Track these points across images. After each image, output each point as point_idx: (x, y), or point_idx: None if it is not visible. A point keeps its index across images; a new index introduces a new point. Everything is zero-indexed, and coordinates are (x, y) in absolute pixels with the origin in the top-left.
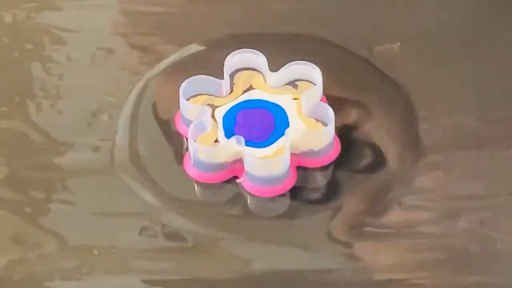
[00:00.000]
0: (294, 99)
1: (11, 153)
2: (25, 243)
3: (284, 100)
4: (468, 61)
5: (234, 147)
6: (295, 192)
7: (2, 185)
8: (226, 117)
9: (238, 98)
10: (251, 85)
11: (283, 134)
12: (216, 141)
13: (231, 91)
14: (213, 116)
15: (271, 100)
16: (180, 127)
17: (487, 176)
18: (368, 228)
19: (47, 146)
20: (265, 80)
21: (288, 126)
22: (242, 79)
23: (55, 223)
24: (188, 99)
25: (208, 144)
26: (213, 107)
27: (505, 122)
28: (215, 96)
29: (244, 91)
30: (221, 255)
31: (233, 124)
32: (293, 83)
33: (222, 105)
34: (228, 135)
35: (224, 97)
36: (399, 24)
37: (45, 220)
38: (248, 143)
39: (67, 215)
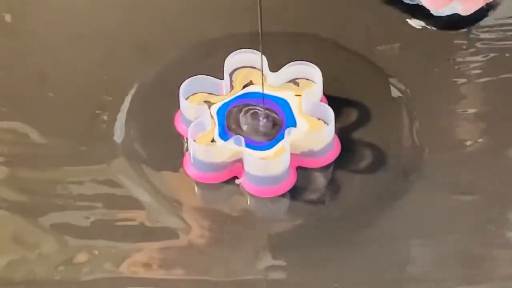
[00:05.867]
0: (296, 95)
1: (11, 153)
2: (25, 243)
3: (285, 96)
4: (468, 61)
5: (234, 147)
6: (295, 192)
7: (2, 185)
8: (222, 113)
9: (238, 93)
10: (250, 81)
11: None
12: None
13: (231, 90)
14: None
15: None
16: (180, 127)
17: (488, 176)
18: (368, 228)
19: (47, 146)
20: (265, 79)
21: (294, 124)
22: (241, 76)
23: (55, 223)
24: (187, 98)
25: (207, 143)
26: (213, 106)
27: (505, 122)
28: (215, 95)
29: (244, 86)
30: (221, 256)
31: (230, 120)
32: (293, 81)
33: (219, 102)
34: (224, 132)
35: (224, 95)
36: (399, 24)
37: (45, 220)
38: (249, 145)
39: (67, 215)
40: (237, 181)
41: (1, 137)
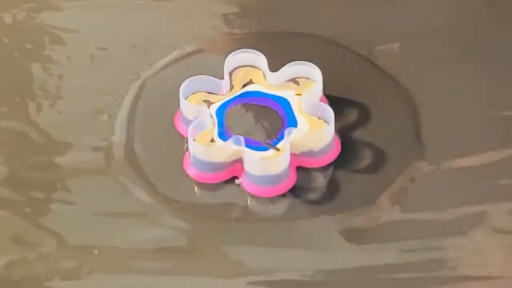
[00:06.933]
0: (296, 94)
1: (11, 153)
2: (25, 243)
3: (286, 95)
4: (468, 61)
5: (233, 147)
6: (295, 192)
7: (2, 185)
8: (221, 113)
9: (237, 92)
10: (250, 79)
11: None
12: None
13: (231, 89)
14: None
15: (271, 94)
16: (180, 127)
17: (487, 176)
18: (368, 228)
19: (47, 146)
20: (265, 78)
21: (295, 123)
22: (240, 75)
23: (55, 223)
24: (187, 97)
25: (206, 142)
26: (213, 105)
27: (505, 121)
28: (215, 94)
29: (244, 85)
30: (221, 256)
31: (229, 120)
32: (293, 80)
33: (219, 101)
34: (223, 132)
35: (224, 95)
36: (399, 24)
37: (45, 220)
38: (249, 145)
39: (67, 215)
40: (237, 181)
41: (1, 137)
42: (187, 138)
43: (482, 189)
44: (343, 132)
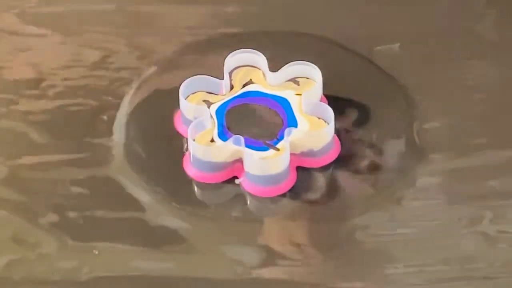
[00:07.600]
0: (296, 94)
1: (11, 153)
2: (25, 243)
3: (286, 95)
4: (468, 61)
5: (233, 146)
6: (295, 192)
7: (2, 185)
8: (221, 113)
9: (237, 92)
10: (250, 79)
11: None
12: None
13: (231, 89)
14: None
15: (271, 93)
16: (180, 127)
17: (487, 176)
18: (368, 228)
19: (47, 146)
20: (265, 78)
21: (295, 123)
22: (240, 74)
23: (55, 223)
24: (186, 97)
25: (206, 141)
26: (212, 105)
27: (505, 121)
28: (215, 94)
29: (244, 85)
30: (221, 256)
31: (229, 120)
32: (293, 80)
33: (219, 102)
34: (223, 132)
35: (224, 95)
36: (399, 24)
37: (45, 220)
38: (249, 145)
39: (67, 215)
40: (237, 181)
41: (1, 137)
42: (187, 138)
43: (482, 189)
44: (343, 132)
